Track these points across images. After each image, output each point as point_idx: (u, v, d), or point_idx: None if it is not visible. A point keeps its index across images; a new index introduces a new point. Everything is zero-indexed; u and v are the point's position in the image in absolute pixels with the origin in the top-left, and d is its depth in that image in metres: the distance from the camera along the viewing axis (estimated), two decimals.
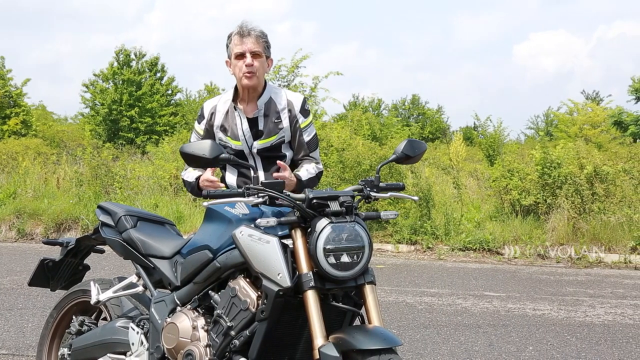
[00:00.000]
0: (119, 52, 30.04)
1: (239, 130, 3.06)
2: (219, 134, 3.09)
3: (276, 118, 3.09)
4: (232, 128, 3.07)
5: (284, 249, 2.42)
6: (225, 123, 3.09)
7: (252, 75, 3.01)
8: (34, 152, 16.47)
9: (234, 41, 3.02)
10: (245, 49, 2.99)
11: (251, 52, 3.00)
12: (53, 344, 3.48)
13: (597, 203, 10.00)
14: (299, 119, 3.13)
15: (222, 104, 3.13)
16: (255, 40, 3.01)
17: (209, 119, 3.11)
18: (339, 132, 11.50)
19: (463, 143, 19.36)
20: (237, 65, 3.02)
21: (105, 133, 28.39)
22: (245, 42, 3.00)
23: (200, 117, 3.15)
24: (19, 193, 12.26)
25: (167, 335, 2.75)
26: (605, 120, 21.95)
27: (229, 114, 3.10)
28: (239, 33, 3.01)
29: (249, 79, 3.01)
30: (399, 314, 5.92)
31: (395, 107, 43.15)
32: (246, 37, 3.01)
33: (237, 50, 3.01)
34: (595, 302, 6.60)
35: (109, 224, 3.21)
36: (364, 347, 2.22)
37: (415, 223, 10.12)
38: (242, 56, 3.00)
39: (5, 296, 6.33)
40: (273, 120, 3.09)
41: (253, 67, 3.00)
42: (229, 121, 3.08)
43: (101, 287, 3.26)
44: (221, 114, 3.10)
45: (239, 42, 3.01)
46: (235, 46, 3.01)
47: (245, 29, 3.01)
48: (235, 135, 3.06)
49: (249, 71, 3.00)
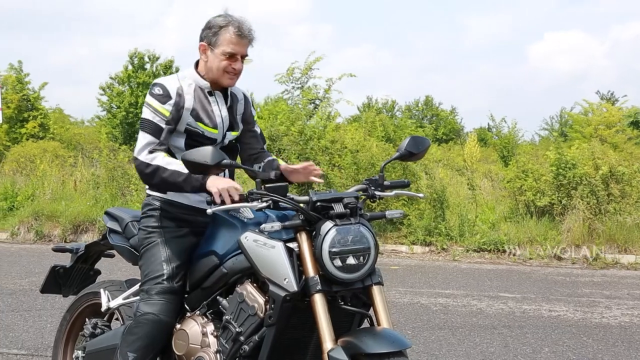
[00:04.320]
0: (132, 55, 30.18)
1: (217, 118, 2.88)
2: (189, 119, 2.82)
3: (237, 110, 3.00)
4: (209, 115, 2.86)
5: (290, 253, 2.42)
6: (197, 107, 2.84)
7: (235, 77, 2.88)
8: (52, 155, 16.61)
9: (229, 37, 2.79)
10: (239, 52, 2.82)
11: (242, 55, 2.84)
12: (67, 347, 3.52)
13: (613, 204, 9.92)
14: (252, 112, 3.09)
15: (187, 87, 2.85)
16: (249, 43, 2.85)
17: (177, 100, 2.80)
18: (353, 133, 11.48)
19: (477, 144, 19.30)
20: (223, 63, 2.81)
21: (122, 135, 28.56)
22: (242, 44, 2.82)
23: (165, 97, 2.79)
24: (37, 195, 12.38)
25: (178, 342, 2.76)
26: (621, 120, 21.74)
27: (199, 97, 2.86)
28: (238, 33, 2.80)
29: (231, 80, 2.87)
30: (414, 315, 5.91)
31: (408, 108, 43.05)
32: (244, 39, 2.82)
33: (229, 49, 2.79)
34: (611, 304, 6.55)
35: (117, 230, 3.23)
36: (373, 351, 2.22)
37: (430, 224, 10.09)
38: (233, 57, 2.81)
39: (24, 297, 6.40)
40: (237, 111, 3.01)
41: (240, 71, 2.87)
42: (202, 106, 2.86)
43: (111, 290, 3.29)
44: (190, 96, 2.84)
45: (237, 42, 2.80)
46: (229, 44, 2.79)
47: (245, 29, 2.82)
48: (213, 123, 2.87)
49: (235, 74, 2.86)
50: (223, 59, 2.81)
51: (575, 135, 22.65)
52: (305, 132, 10.70)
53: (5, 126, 22.81)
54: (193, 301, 2.83)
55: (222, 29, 2.81)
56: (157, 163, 2.73)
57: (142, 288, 2.86)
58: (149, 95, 2.83)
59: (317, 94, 11.63)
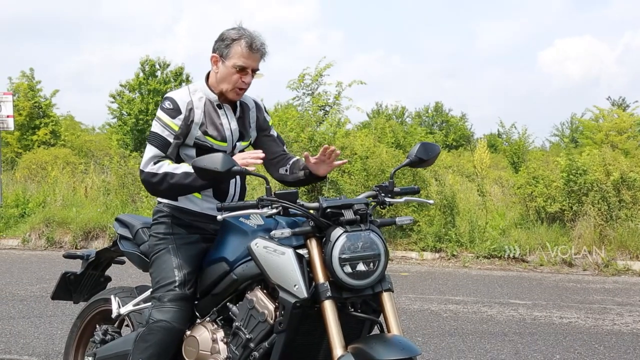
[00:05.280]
0: (144, 62, 30.34)
1: (226, 131, 2.89)
2: (197, 133, 2.83)
3: (249, 119, 3.02)
4: (218, 128, 2.87)
5: (300, 260, 2.42)
6: (206, 121, 2.85)
7: (241, 93, 2.89)
8: (63, 162, 16.72)
9: (240, 50, 2.79)
10: (250, 66, 2.82)
11: (253, 70, 2.84)
12: (78, 353, 3.53)
13: (624, 210, 9.87)
14: (266, 117, 3.10)
15: (197, 100, 2.86)
16: (260, 57, 2.85)
17: (187, 114, 2.81)
18: (363, 140, 11.49)
19: (487, 150, 19.24)
20: (233, 75, 2.82)
21: (132, 142, 28.67)
22: (253, 58, 2.82)
23: (175, 111, 2.80)
24: (49, 202, 12.46)
25: (188, 349, 2.77)
26: (632, 126, 21.64)
27: (208, 111, 2.87)
28: (250, 46, 2.79)
29: (238, 95, 2.89)
30: (424, 321, 5.89)
31: (418, 114, 43.01)
32: (255, 52, 2.82)
33: (240, 62, 2.80)
34: (623, 310, 6.51)
35: (127, 236, 3.24)
36: (383, 358, 2.21)
37: (440, 230, 10.07)
38: (243, 70, 2.81)
39: (35, 303, 6.43)
40: (248, 121, 3.02)
41: (248, 85, 2.87)
42: (211, 120, 2.86)
43: (122, 297, 3.30)
44: (200, 110, 2.84)
45: (247, 55, 2.80)
46: (240, 57, 2.80)
47: (257, 43, 2.81)
48: (222, 136, 2.87)
49: (243, 88, 2.87)
50: (234, 72, 2.82)
51: (586, 141, 22.56)
52: (315, 138, 10.71)
53: (17, 133, 22.97)
54: (203, 307, 2.83)
55: (234, 41, 2.81)
56: (164, 170, 2.74)
57: (153, 295, 2.86)
58: (160, 109, 2.84)
59: (327, 101, 11.64)
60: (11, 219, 12.08)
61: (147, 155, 2.80)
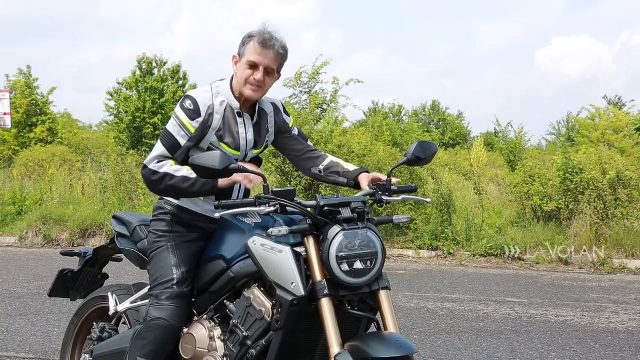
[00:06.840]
0: (141, 60, 30.31)
1: (241, 140, 2.84)
2: (213, 138, 2.78)
3: (266, 124, 2.96)
4: (234, 136, 2.82)
5: (297, 258, 2.42)
6: (223, 128, 2.80)
7: (258, 90, 2.79)
8: (60, 160, 16.72)
9: (253, 47, 2.74)
10: (262, 62, 2.75)
11: (266, 67, 2.76)
12: (75, 350, 3.53)
13: (620, 209, 9.90)
14: (286, 119, 3.04)
15: (218, 105, 2.80)
16: (275, 57, 2.77)
17: (206, 118, 2.75)
18: (360, 138, 11.50)
19: (484, 149, 19.27)
20: (246, 72, 2.76)
21: (129, 140, 28.64)
22: (265, 54, 2.74)
23: (195, 113, 2.74)
24: (45, 200, 12.45)
25: (185, 346, 2.77)
26: (628, 125, 21.69)
27: (228, 118, 2.81)
28: (262, 42, 2.73)
29: (254, 92, 2.79)
30: (421, 319, 5.91)
31: (415, 113, 43.01)
32: (268, 49, 2.74)
33: (252, 58, 2.74)
34: (619, 309, 6.53)
35: (125, 234, 3.24)
36: (380, 356, 2.22)
37: (437, 229, 10.09)
38: (255, 67, 2.75)
39: (32, 301, 6.43)
40: (265, 127, 2.96)
41: (261, 83, 2.78)
42: (229, 127, 2.81)
43: (119, 294, 3.30)
44: (219, 116, 2.79)
45: (259, 51, 2.73)
46: (252, 54, 2.74)
47: (269, 40, 2.74)
48: (237, 144, 2.82)
49: (257, 85, 2.78)
50: (247, 68, 2.76)
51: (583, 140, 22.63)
52: (313, 136, 10.71)
53: (14, 131, 22.95)
54: (200, 305, 2.84)
55: (249, 39, 2.77)
56: (165, 170, 2.72)
57: (151, 292, 2.87)
58: (179, 107, 2.78)
59: (325, 99, 11.64)
60: (8, 216, 12.07)
61: (154, 152, 2.78)
